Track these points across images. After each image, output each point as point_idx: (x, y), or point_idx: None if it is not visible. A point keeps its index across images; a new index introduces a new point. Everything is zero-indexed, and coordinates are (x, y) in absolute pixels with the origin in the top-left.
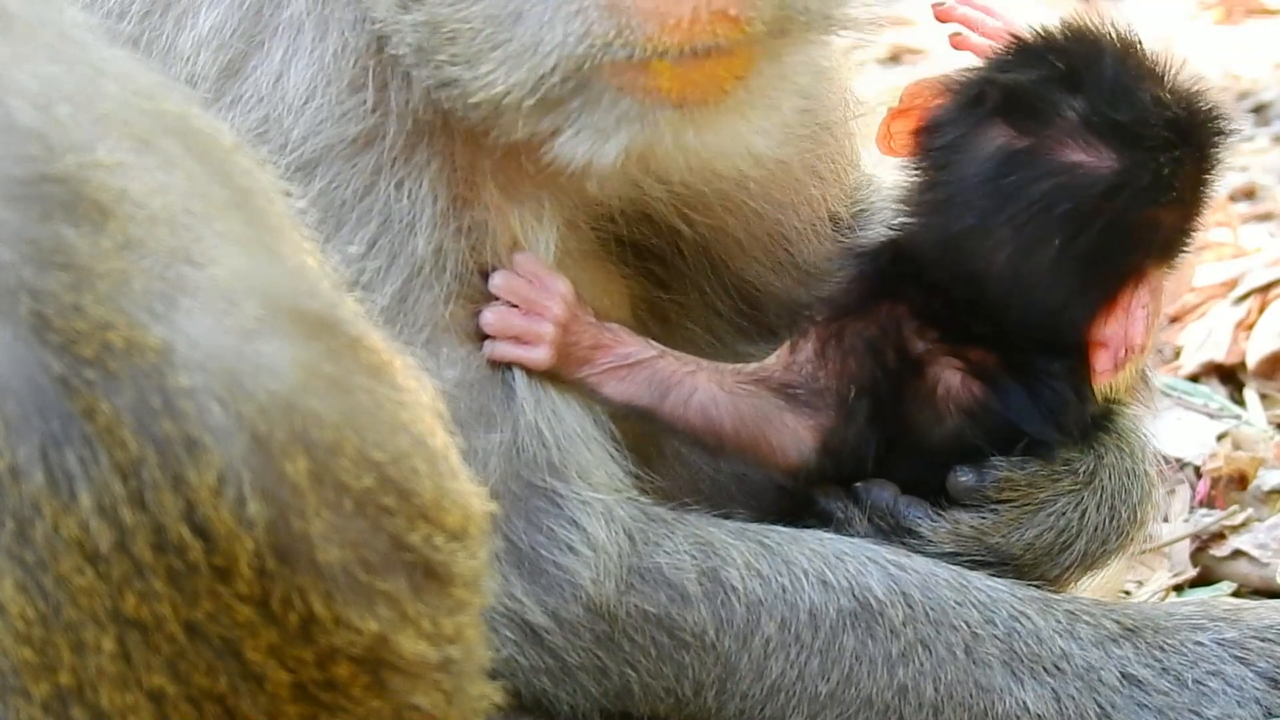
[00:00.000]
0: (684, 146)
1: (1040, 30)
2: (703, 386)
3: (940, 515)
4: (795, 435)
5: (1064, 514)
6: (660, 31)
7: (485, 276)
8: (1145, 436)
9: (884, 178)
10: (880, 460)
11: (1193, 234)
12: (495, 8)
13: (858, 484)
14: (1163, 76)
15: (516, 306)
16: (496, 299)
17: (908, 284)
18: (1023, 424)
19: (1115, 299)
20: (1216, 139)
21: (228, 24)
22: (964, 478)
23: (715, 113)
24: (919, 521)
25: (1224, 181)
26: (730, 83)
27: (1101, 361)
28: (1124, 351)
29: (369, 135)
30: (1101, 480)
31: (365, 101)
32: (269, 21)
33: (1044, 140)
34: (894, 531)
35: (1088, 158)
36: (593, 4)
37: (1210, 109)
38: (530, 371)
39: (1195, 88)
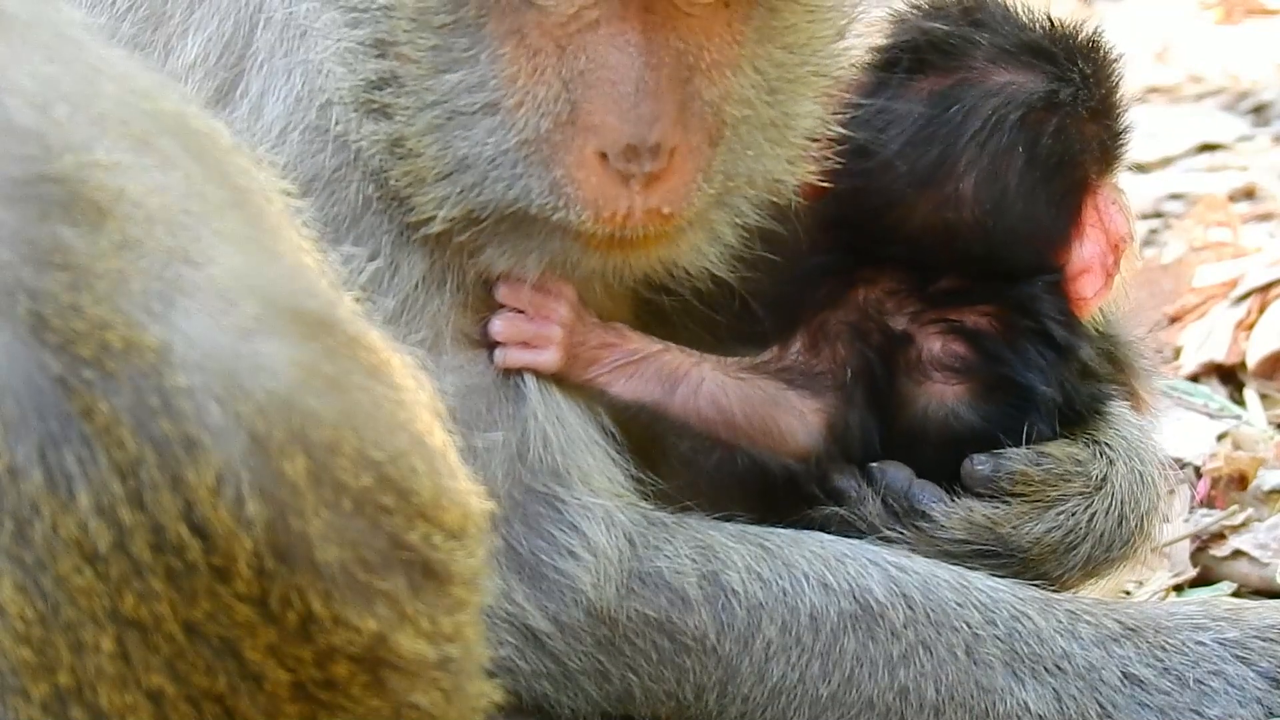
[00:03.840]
0: (610, 270)
1: (916, 2)
2: (710, 376)
3: (953, 502)
4: (803, 418)
5: (1073, 514)
6: (595, 220)
7: (487, 284)
8: (1155, 445)
9: None
10: (888, 449)
11: (1122, 145)
12: (445, 149)
13: (873, 464)
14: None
15: (522, 312)
16: (499, 305)
17: (878, 265)
18: (1009, 372)
19: (1080, 216)
20: (1108, 52)
21: (211, 53)
22: (980, 467)
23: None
24: (932, 506)
25: (1224, 181)
26: (660, 243)
27: (1090, 285)
28: (1111, 254)
29: (350, 166)
30: (1112, 486)
31: (330, 143)
32: (243, 54)
33: (969, 72)
34: (906, 514)
35: (1014, 76)
36: (535, 175)
37: (1092, 29)
38: (538, 376)
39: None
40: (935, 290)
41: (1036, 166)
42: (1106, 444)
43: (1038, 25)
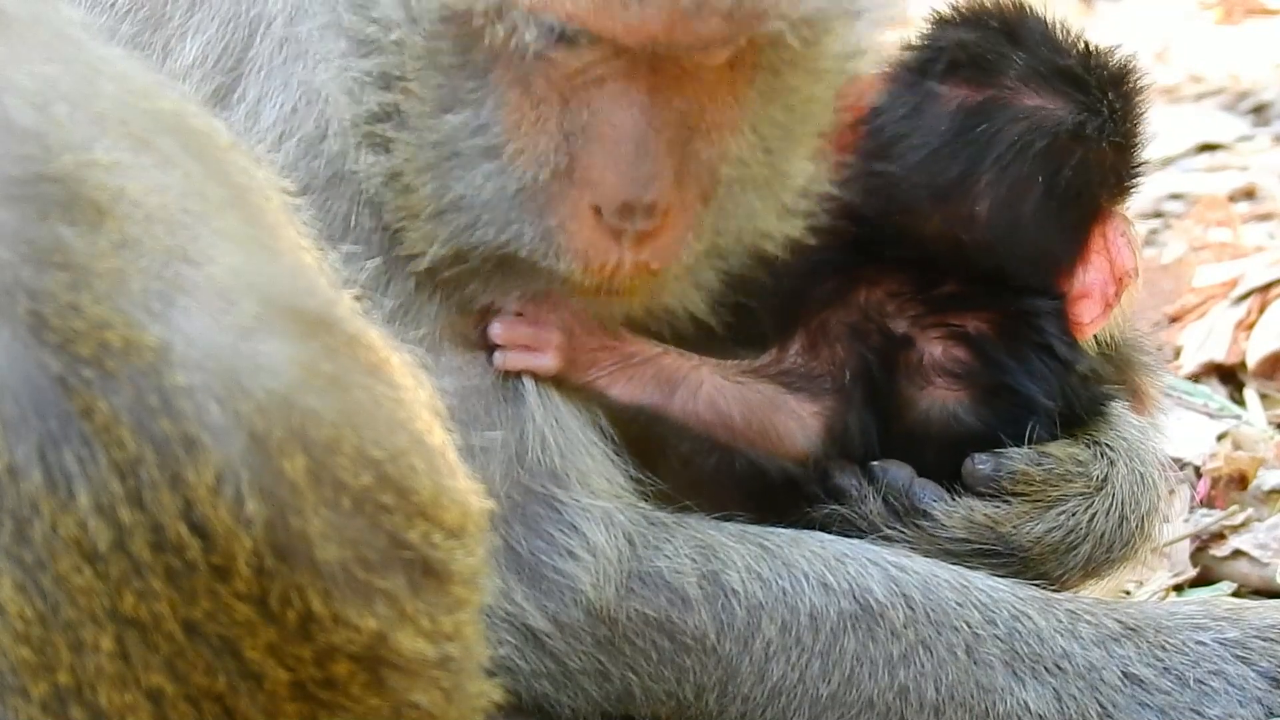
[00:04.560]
0: (594, 311)
1: (958, 5)
2: (708, 379)
3: (954, 501)
4: (801, 421)
5: (1074, 514)
6: (583, 270)
7: None
8: (1156, 445)
9: None
10: (887, 449)
11: (1138, 176)
12: (441, 188)
13: (874, 463)
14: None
15: (521, 315)
16: (500, 309)
17: (880, 266)
18: (1010, 380)
19: (1088, 242)
20: (1139, 82)
21: (210, 56)
22: (981, 466)
23: (629, 298)
24: (933, 504)
25: (1224, 181)
26: (645, 293)
27: (1088, 311)
28: (1113, 285)
29: (345, 177)
30: (1113, 486)
31: (326, 152)
32: (241, 58)
33: (1001, 90)
34: (907, 513)
35: (1045, 101)
36: (528, 222)
37: (1126, 57)
38: (536, 379)
39: (1102, 42)
40: (938, 294)
41: (1054, 197)
42: (1107, 444)
43: (1073, 50)
